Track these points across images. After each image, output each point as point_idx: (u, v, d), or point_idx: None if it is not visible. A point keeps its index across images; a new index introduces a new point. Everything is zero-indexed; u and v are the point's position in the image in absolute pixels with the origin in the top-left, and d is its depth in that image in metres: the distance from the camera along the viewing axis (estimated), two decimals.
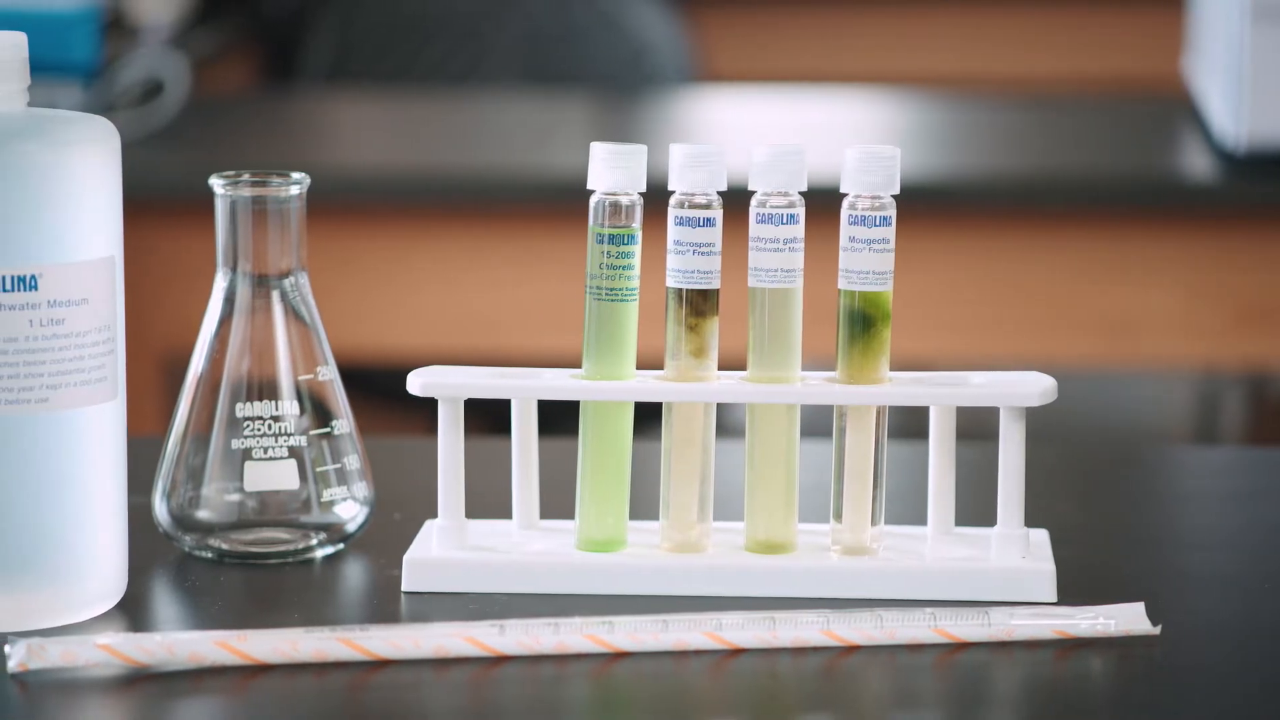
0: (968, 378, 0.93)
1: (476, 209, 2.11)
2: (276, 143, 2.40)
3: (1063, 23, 3.59)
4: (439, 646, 0.84)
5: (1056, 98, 2.81)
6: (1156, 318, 2.06)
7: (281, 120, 2.61)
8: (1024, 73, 3.58)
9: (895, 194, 0.92)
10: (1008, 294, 2.07)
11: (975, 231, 2.08)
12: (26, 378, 0.84)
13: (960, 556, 0.93)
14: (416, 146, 2.41)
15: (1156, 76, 3.16)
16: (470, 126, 2.52)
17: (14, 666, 0.81)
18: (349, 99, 2.77)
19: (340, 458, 0.96)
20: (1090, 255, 2.05)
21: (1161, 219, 2.06)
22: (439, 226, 2.11)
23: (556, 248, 2.08)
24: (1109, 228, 2.06)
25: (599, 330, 0.92)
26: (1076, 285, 2.06)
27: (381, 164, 2.24)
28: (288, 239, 0.96)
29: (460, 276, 2.10)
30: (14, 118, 0.85)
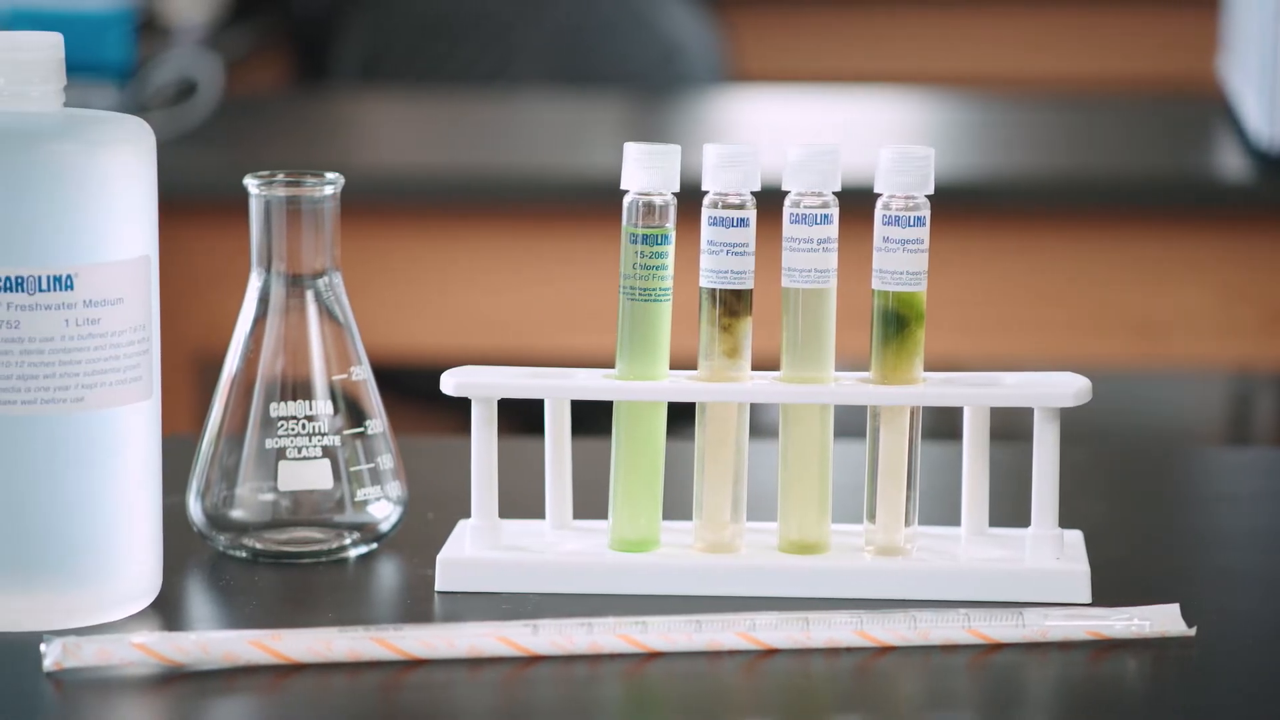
0: (1001, 378, 0.93)
1: (509, 209, 2.11)
2: (309, 143, 2.41)
3: (1097, 22, 3.58)
4: (472, 646, 0.84)
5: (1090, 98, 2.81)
6: (1190, 318, 2.05)
7: (313, 120, 2.61)
8: (1058, 72, 3.57)
9: (929, 194, 0.92)
10: (1041, 294, 2.06)
11: (1008, 232, 2.08)
12: (62, 377, 0.84)
13: (994, 557, 0.93)
14: (448, 146, 2.41)
15: (1191, 76, 3.15)
16: (502, 126, 2.52)
17: (49, 665, 0.81)
18: (380, 99, 2.77)
19: (374, 457, 0.97)
20: (1124, 255, 2.05)
21: (1195, 219, 2.05)
22: (471, 226, 2.11)
23: (588, 247, 2.09)
24: (1142, 228, 2.06)
25: (632, 330, 0.92)
26: (1110, 285, 2.05)
27: (414, 164, 2.25)
28: (322, 239, 0.96)
29: (492, 276, 2.11)
30: (50, 118, 0.85)
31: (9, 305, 0.83)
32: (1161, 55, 3.50)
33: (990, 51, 3.65)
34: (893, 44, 3.68)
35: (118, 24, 2.31)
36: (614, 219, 0.93)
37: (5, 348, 0.84)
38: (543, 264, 2.10)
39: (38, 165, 0.83)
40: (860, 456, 0.94)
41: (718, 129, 2.51)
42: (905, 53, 3.67)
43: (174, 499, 0.94)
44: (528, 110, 2.63)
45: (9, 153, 0.83)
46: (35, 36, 0.85)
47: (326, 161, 1.95)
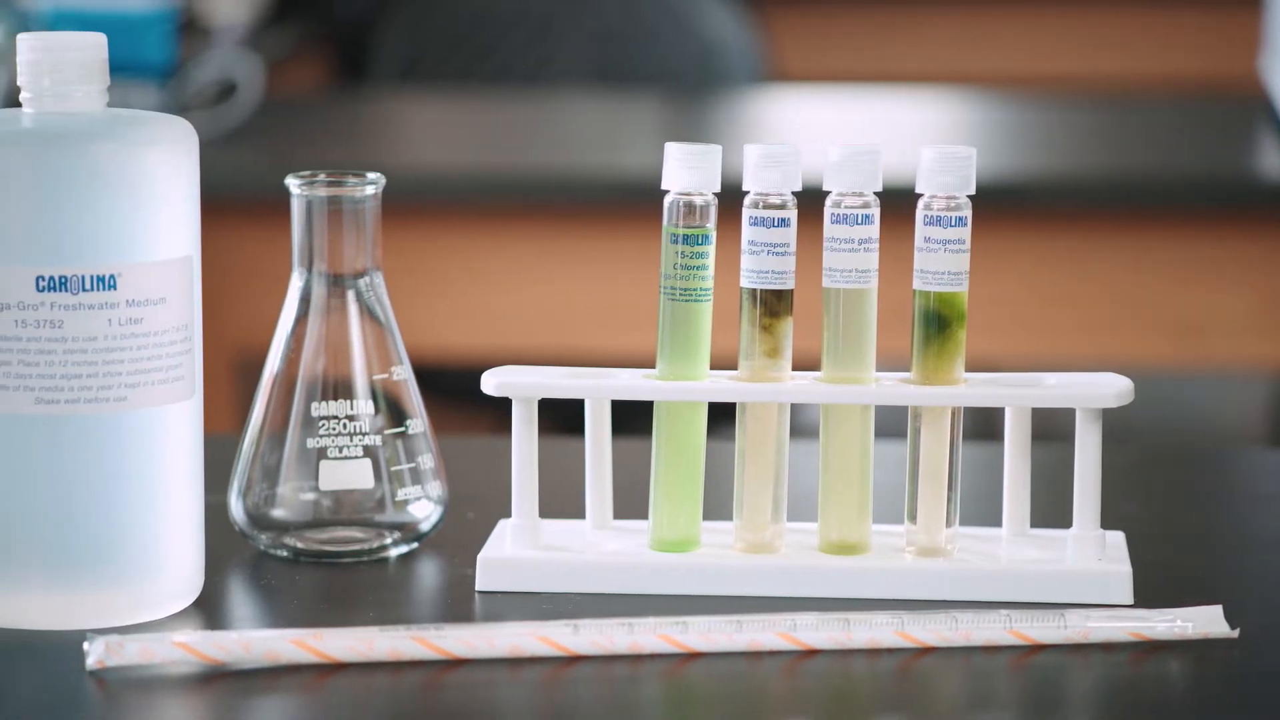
0: (1042, 379, 0.93)
1: (548, 209, 2.11)
2: (348, 143, 2.41)
3: (1137, 22, 3.57)
4: (513, 646, 0.84)
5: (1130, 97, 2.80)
6: (1230, 319, 2.05)
7: (353, 121, 2.62)
8: (1098, 72, 3.56)
9: (970, 194, 0.92)
10: (1081, 295, 2.06)
11: (1046, 232, 2.07)
12: (105, 376, 0.85)
13: (1036, 558, 0.92)
14: (487, 146, 2.42)
15: (1232, 76, 3.14)
16: (541, 126, 2.52)
17: (92, 664, 0.81)
18: (420, 99, 2.78)
19: (414, 457, 0.97)
20: (1164, 256, 2.04)
21: (1236, 219, 2.05)
22: (510, 226, 2.11)
23: (627, 247, 2.09)
24: (1183, 228, 2.05)
25: (673, 330, 0.92)
26: (1150, 286, 2.05)
27: (453, 164, 2.25)
28: (363, 239, 0.96)
29: (532, 276, 2.11)
30: (94, 118, 0.85)
31: (53, 305, 0.84)
32: (1202, 54, 3.49)
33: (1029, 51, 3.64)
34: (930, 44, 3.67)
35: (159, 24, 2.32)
36: (653, 219, 0.93)
37: (49, 347, 0.84)
38: (582, 264, 2.11)
39: (81, 165, 0.83)
40: (900, 457, 0.93)
41: (756, 129, 2.51)
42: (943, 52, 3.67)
43: (215, 498, 0.94)
44: (567, 110, 2.63)
45: (53, 153, 0.83)
46: (79, 37, 0.85)
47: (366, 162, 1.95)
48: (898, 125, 2.51)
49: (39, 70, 0.85)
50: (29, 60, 0.85)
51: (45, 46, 0.85)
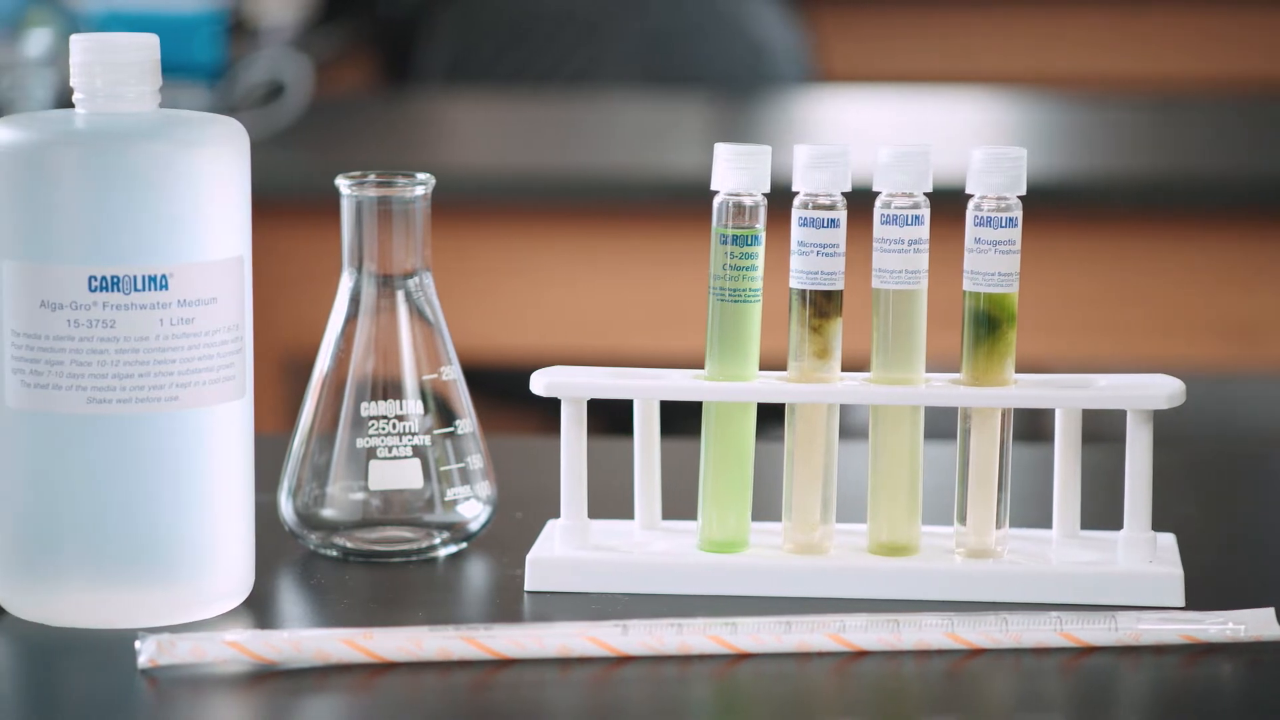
0: (1093, 380, 0.93)
1: (596, 209, 2.11)
2: (396, 143, 2.42)
3: (1187, 22, 3.56)
4: (562, 646, 0.84)
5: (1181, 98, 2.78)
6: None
7: (401, 121, 2.62)
8: (1147, 72, 3.55)
9: (1021, 195, 0.91)
10: (1130, 295, 2.05)
11: (1097, 233, 2.06)
12: (157, 376, 0.85)
13: (1086, 560, 0.92)
14: (535, 147, 2.42)
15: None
16: (589, 126, 2.52)
17: (144, 662, 0.82)
18: (467, 100, 2.78)
19: (463, 457, 0.97)
20: (1215, 257, 2.03)
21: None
22: (558, 227, 2.12)
23: (675, 247, 2.09)
24: (1234, 228, 2.04)
25: (722, 331, 0.92)
26: (1201, 287, 2.04)
27: (501, 164, 2.25)
28: (412, 239, 0.96)
29: (580, 277, 2.11)
30: (146, 118, 0.86)
31: (105, 305, 0.84)
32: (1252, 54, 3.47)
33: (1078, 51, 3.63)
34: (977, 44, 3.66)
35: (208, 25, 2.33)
36: (701, 219, 0.93)
37: (101, 347, 0.84)
38: (629, 264, 2.11)
39: (134, 166, 0.84)
40: (950, 458, 0.93)
41: (803, 129, 2.51)
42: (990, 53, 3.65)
43: (265, 498, 0.94)
44: (614, 111, 2.63)
45: (105, 153, 0.84)
46: (131, 38, 0.85)
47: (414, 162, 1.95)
48: (944, 125, 2.50)
49: (92, 71, 0.85)
50: (82, 61, 0.85)
51: (98, 47, 0.85)
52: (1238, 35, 3.51)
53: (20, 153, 0.84)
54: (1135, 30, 3.60)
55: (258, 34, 2.86)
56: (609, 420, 1.29)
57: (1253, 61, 3.46)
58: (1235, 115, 2.48)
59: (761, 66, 2.86)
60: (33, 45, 2.13)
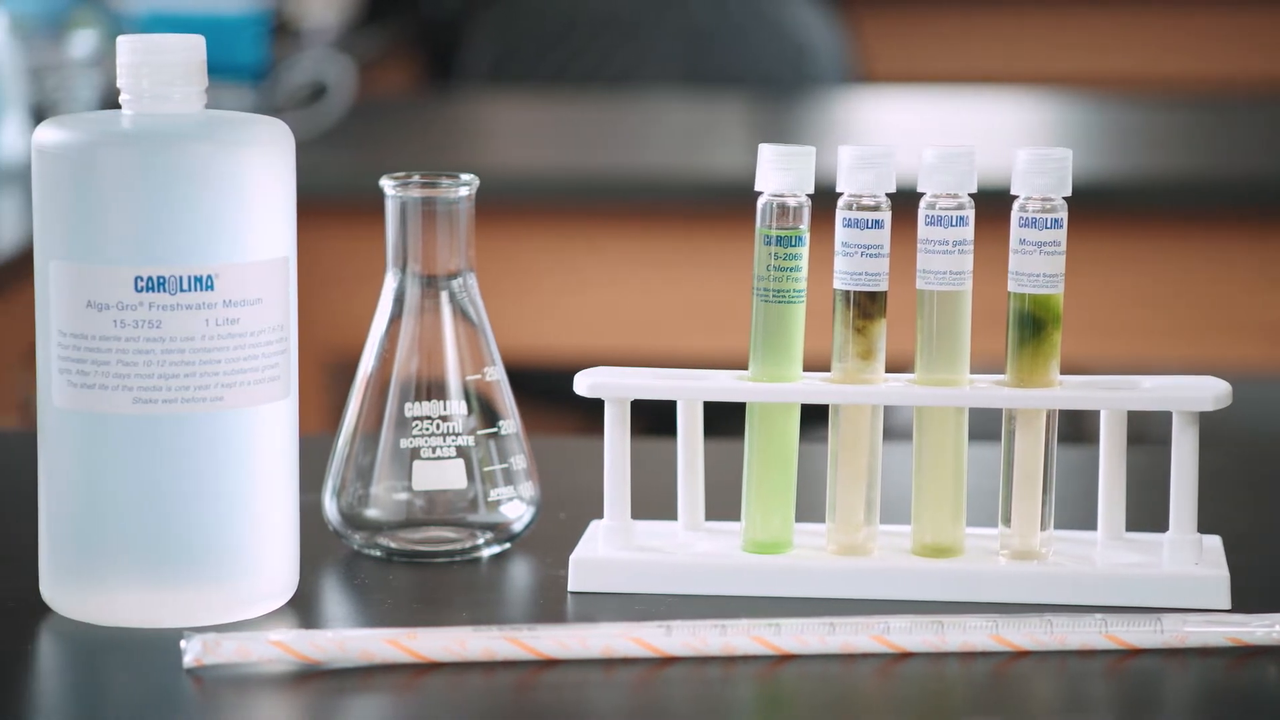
0: (1139, 381, 0.92)
1: (638, 209, 2.11)
2: (439, 144, 2.42)
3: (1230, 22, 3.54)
4: (606, 647, 0.84)
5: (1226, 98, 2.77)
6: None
7: (443, 122, 2.63)
8: (1191, 73, 3.54)
9: (1066, 196, 0.91)
10: (1173, 296, 2.04)
11: (1139, 233, 2.06)
12: (202, 376, 0.85)
13: (1131, 562, 0.92)
14: (577, 147, 2.42)
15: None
16: (630, 127, 2.52)
17: (189, 662, 0.82)
18: (509, 100, 2.78)
19: (507, 457, 0.97)
20: (1262, 258, 2.02)
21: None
22: (600, 227, 2.12)
23: (718, 248, 2.09)
24: (1277, 229, 2.03)
25: (766, 332, 0.92)
26: (1247, 288, 2.03)
27: (543, 165, 2.25)
28: (456, 240, 0.96)
29: (622, 277, 2.11)
30: (192, 119, 0.86)
31: (151, 305, 0.84)
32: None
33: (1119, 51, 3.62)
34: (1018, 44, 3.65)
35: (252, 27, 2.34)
36: (743, 219, 0.93)
37: (147, 347, 0.85)
38: (671, 265, 2.11)
39: (180, 166, 0.84)
40: (994, 459, 0.93)
41: (845, 130, 2.51)
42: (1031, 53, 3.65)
43: (309, 498, 0.95)
44: (656, 111, 2.64)
45: (152, 154, 0.84)
46: (177, 39, 0.86)
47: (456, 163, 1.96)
48: (986, 126, 2.50)
49: (139, 72, 0.85)
50: (129, 62, 0.86)
51: (145, 48, 0.85)
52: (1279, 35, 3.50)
53: (67, 153, 0.84)
54: (1180, 30, 3.58)
55: (301, 35, 2.87)
56: (651, 421, 1.29)
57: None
58: (1277, 115, 2.47)
59: (803, 67, 2.86)
60: (77, 46, 2.14)
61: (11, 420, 1.77)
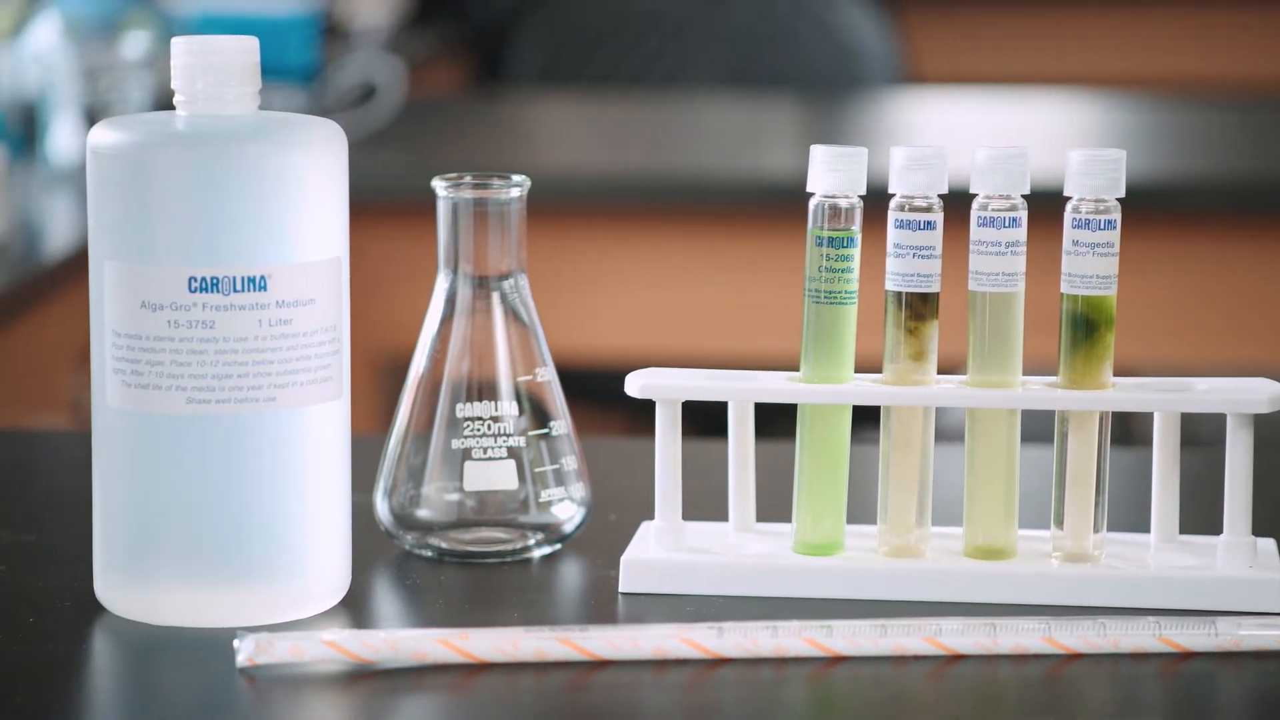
0: (1192, 384, 0.92)
1: (687, 210, 2.11)
2: (488, 145, 2.43)
3: None
4: (658, 648, 0.84)
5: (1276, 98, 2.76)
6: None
7: (492, 123, 2.63)
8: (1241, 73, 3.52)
9: (1120, 197, 0.91)
10: (1231, 298, 2.03)
11: (1197, 235, 2.05)
12: (255, 377, 0.85)
13: (1185, 565, 0.91)
14: (626, 148, 2.42)
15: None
16: (679, 128, 2.52)
17: (242, 661, 0.82)
18: (558, 101, 2.79)
19: (558, 458, 0.97)
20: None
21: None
22: (649, 228, 2.12)
23: (768, 249, 2.08)
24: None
25: (817, 333, 0.92)
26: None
27: (593, 166, 2.25)
28: (508, 240, 0.96)
29: (673, 278, 2.11)
30: (246, 120, 0.86)
31: (205, 305, 0.84)
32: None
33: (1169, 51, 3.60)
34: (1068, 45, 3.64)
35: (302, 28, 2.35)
36: (793, 220, 0.92)
37: (200, 347, 0.85)
38: (721, 266, 2.10)
39: (235, 167, 0.84)
40: (1046, 461, 0.93)
41: (894, 131, 2.50)
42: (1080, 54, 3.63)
43: (361, 498, 0.95)
44: (705, 112, 2.63)
45: (206, 154, 0.84)
46: (232, 40, 0.86)
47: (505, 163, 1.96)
48: (1035, 127, 2.49)
49: (193, 73, 0.86)
50: (183, 63, 0.86)
51: (199, 50, 0.86)
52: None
53: (123, 154, 0.85)
54: (1231, 31, 3.57)
55: (351, 36, 2.88)
56: (700, 422, 1.29)
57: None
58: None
59: (852, 68, 2.85)
60: (130, 47, 2.15)
61: (63, 420, 1.78)
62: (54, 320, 1.77)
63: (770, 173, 2.17)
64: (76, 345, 1.73)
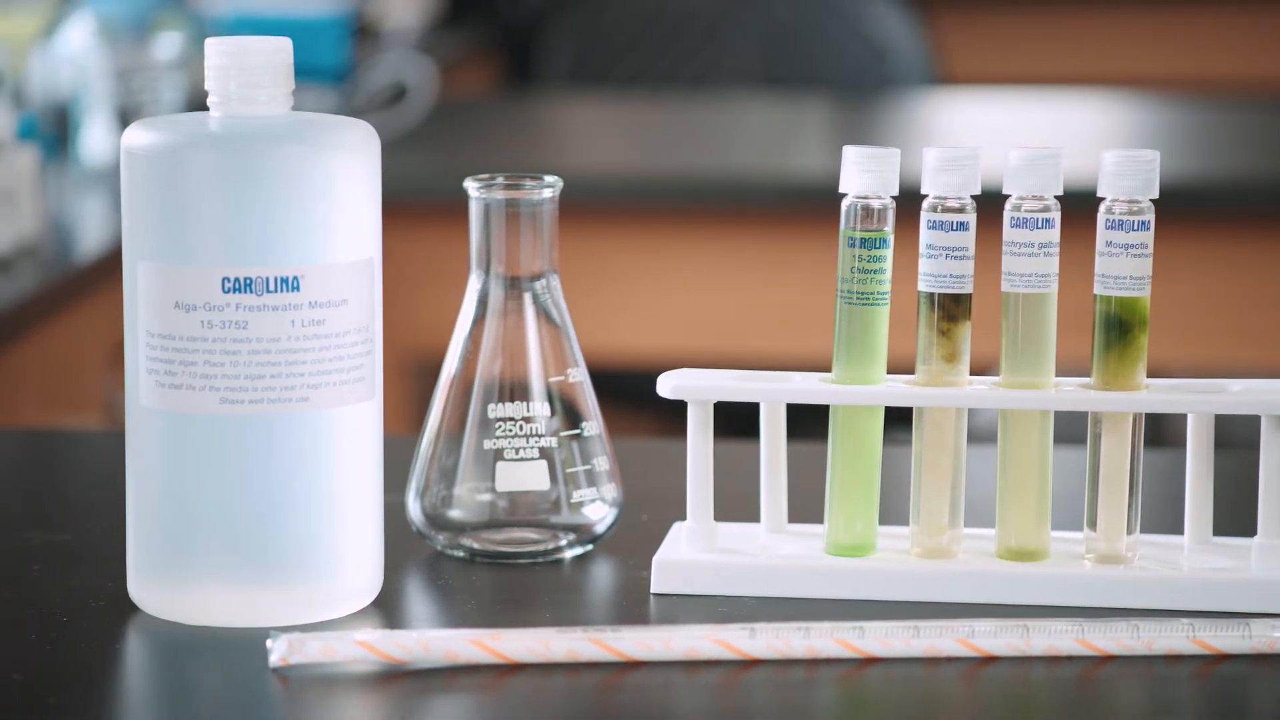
0: (1226, 385, 0.92)
1: (719, 211, 2.11)
2: (519, 146, 2.43)
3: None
4: (690, 649, 0.84)
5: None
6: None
7: (523, 123, 2.63)
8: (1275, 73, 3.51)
9: (1153, 198, 0.91)
10: (1264, 299, 2.02)
11: (1229, 236, 2.04)
12: (288, 377, 0.86)
13: (1219, 567, 0.91)
14: (657, 149, 2.42)
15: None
16: (710, 128, 2.52)
17: (275, 661, 0.82)
18: (589, 102, 2.79)
19: (590, 459, 0.97)
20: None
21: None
22: (681, 229, 2.12)
23: (799, 250, 2.08)
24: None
25: (849, 334, 0.92)
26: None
27: (624, 166, 2.25)
28: (540, 241, 0.97)
29: (703, 279, 2.11)
30: (280, 121, 0.86)
31: (238, 306, 0.85)
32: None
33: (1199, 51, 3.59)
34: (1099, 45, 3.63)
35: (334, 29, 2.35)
36: (824, 221, 0.92)
37: (233, 348, 0.85)
38: (752, 266, 2.10)
39: (268, 168, 0.84)
40: (1078, 463, 0.92)
41: (926, 132, 2.50)
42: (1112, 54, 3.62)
43: (393, 498, 0.95)
44: (736, 112, 2.63)
45: (239, 155, 0.84)
46: (265, 41, 0.86)
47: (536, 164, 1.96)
48: (1067, 127, 2.48)
49: (227, 74, 0.86)
50: (217, 64, 0.86)
51: (233, 51, 0.86)
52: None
53: (157, 155, 0.85)
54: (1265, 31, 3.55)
55: (381, 37, 2.88)
56: (731, 423, 1.29)
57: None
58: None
59: (883, 68, 2.85)
60: (162, 48, 2.15)
61: (97, 420, 1.78)
62: (87, 321, 1.77)
63: (801, 173, 2.17)
64: (109, 346, 1.73)
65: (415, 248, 2.07)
